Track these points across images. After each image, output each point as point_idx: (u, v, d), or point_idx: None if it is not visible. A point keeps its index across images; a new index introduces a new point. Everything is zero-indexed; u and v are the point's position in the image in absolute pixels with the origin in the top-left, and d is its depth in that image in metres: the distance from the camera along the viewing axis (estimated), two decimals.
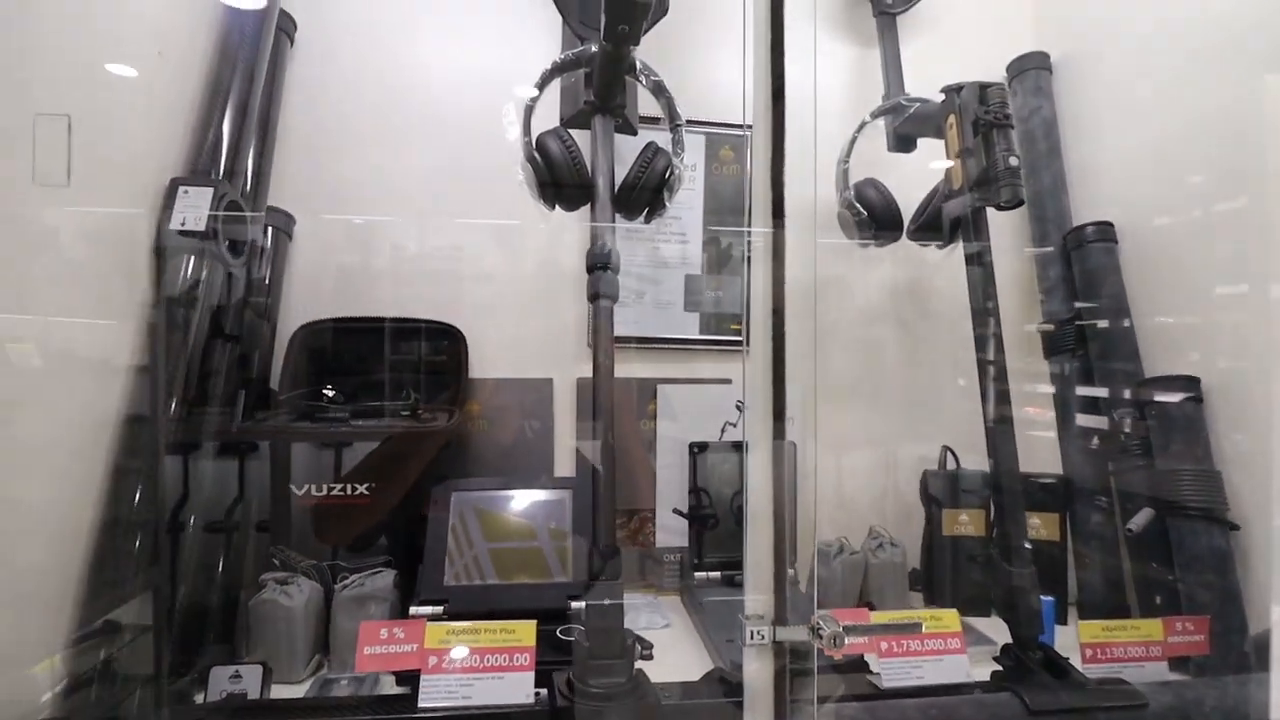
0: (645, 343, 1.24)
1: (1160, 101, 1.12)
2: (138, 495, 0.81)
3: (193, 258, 0.89)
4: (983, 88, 0.89)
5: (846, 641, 0.64)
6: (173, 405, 0.84)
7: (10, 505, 0.64)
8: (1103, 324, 1.10)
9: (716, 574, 1.13)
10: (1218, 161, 1.02)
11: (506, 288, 1.21)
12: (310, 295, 1.14)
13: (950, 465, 1.19)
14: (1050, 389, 1.19)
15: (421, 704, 0.68)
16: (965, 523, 1.14)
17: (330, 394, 1.06)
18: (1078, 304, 1.16)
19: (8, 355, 0.67)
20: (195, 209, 0.86)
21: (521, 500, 1.01)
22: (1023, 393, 1.20)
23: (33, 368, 0.69)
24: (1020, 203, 0.87)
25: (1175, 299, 1.07)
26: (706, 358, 1.26)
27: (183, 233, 0.87)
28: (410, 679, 0.76)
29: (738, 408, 1.23)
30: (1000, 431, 0.89)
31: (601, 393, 0.85)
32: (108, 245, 0.83)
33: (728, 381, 1.25)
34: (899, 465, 1.25)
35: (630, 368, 1.23)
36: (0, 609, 0.66)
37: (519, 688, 0.70)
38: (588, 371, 1.22)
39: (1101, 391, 1.10)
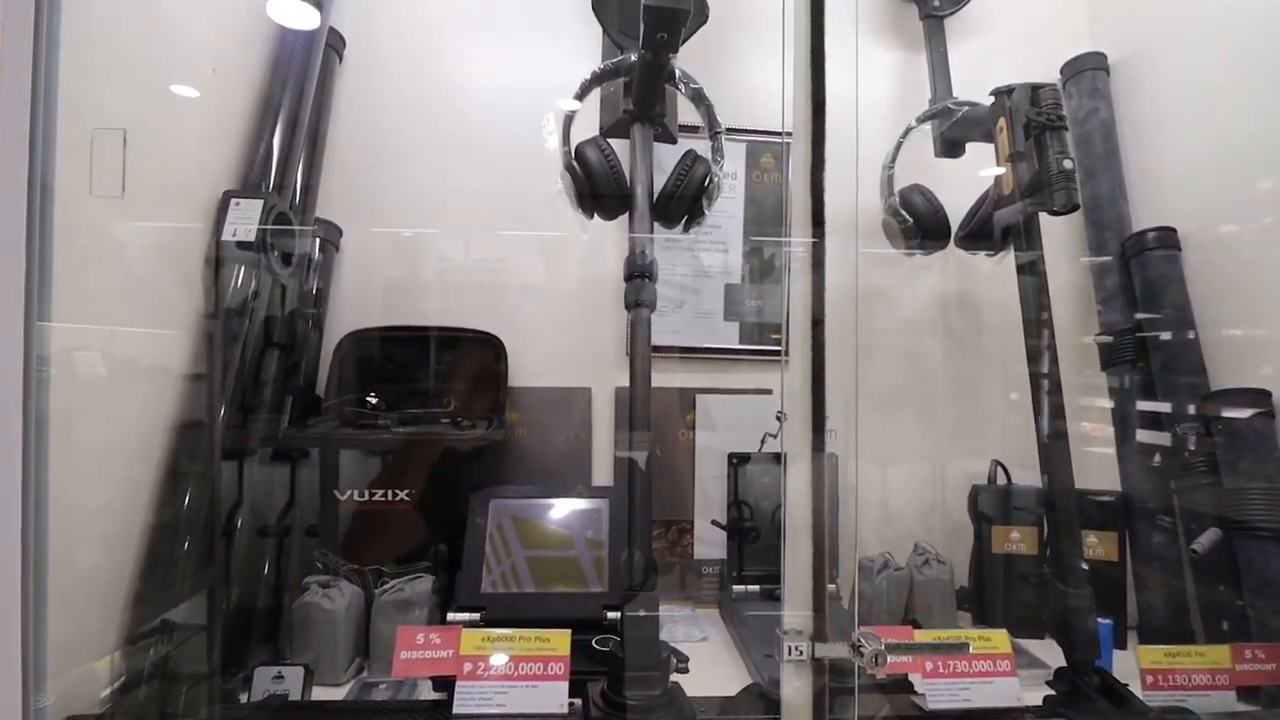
0: (685, 352, 1.23)
1: (1226, 102, 1.06)
2: (188, 498, 0.83)
3: (244, 268, 0.91)
4: (1035, 89, 0.87)
5: (889, 660, 0.62)
6: (225, 412, 0.87)
7: (73, 508, 0.66)
8: (1165, 335, 1.05)
9: (756, 587, 1.11)
10: None
11: (546, 298, 1.22)
12: (355, 305, 1.16)
13: (1000, 480, 1.14)
14: (1107, 403, 1.14)
15: (456, 710, 0.68)
16: (1017, 540, 1.10)
17: (374, 401, 1.08)
18: (1138, 314, 1.11)
19: (71, 363, 0.70)
20: (246, 221, 0.89)
21: (559, 509, 1.01)
22: (1078, 406, 1.16)
23: (94, 375, 0.72)
24: (1075, 207, 0.84)
25: (1244, 309, 1.02)
26: (747, 368, 1.25)
27: (234, 244, 0.90)
28: (446, 685, 0.76)
29: (778, 418, 1.20)
30: (1055, 446, 0.85)
31: (639, 401, 0.85)
32: (164, 257, 0.86)
33: (768, 392, 1.23)
34: (945, 480, 1.21)
35: (669, 377, 1.22)
36: (63, 608, 0.69)
37: (553, 697, 0.69)
38: (626, 380, 1.23)
39: (1164, 406, 1.05)
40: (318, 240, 1.11)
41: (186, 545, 0.83)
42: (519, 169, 1.20)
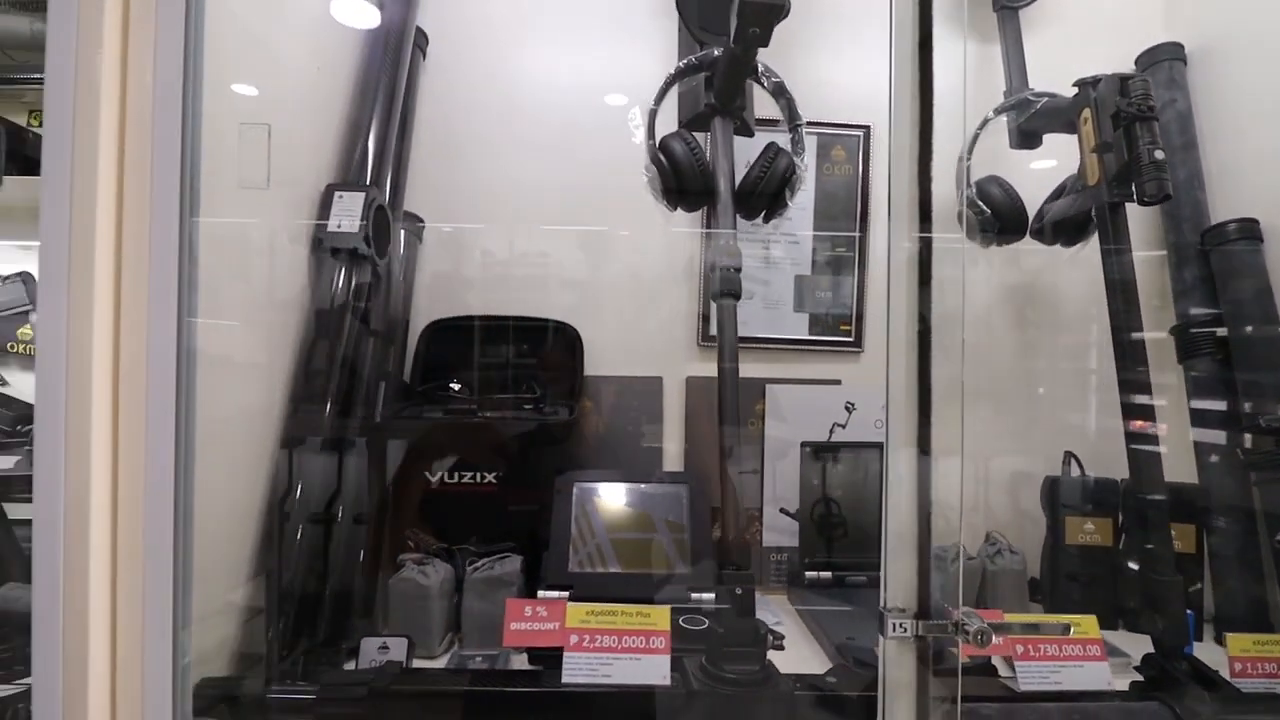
0: (755, 342, 1.25)
1: None
2: (291, 482, 0.88)
3: (345, 258, 0.96)
4: (1123, 79, 0.87)
5: (994, 640, 0.64)
6: (330, 398, 0.91)
7: (205, 489, 0.71)
8: (1247, 327, 1.05)
9: (828, 574, 1.13)
10: None
11: (618, 289, 1.25)
12: (436, 295, 1.21)
13: (1074, 472, 1.15)
14: (1184, 396, 1.13)
15: (565, 679, 0.72)
16: (1091, 531, 1.10)
17: (457, 388, 1.12)
18: (1217, 307, 1.10)
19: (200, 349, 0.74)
20: (349, 213, 0.93)
21: (640, 493, 1.04)
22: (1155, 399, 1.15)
23: (215, 358, 0.76)
24: (1168, 197, 0.84)
25: None
26: (815, 359, 1.27)
27: (338, 234, 0.94)
28: (543, 658, 0.80)
29: (847, 409, 1.23)
30: (1141, 436, 0.86)
31: (729, 388, 0.87)
32: (275, 247, 0.91)
33: (837, 382, 1.25)
34: (1017, 473, 1.22)
35: (740, 367, 1.24)
36: (198, 582, 0.74)
37: (656, 669, 0.72)
38: (696, 370, 1.26)
39: (1244, 399, 1.05)
40: (403, 232, 1.15)
41: (289, 527, 0.88)
42: (591, 164, 1.23)
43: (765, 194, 0.97)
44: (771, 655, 0.87)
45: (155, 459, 0.62)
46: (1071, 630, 0.74)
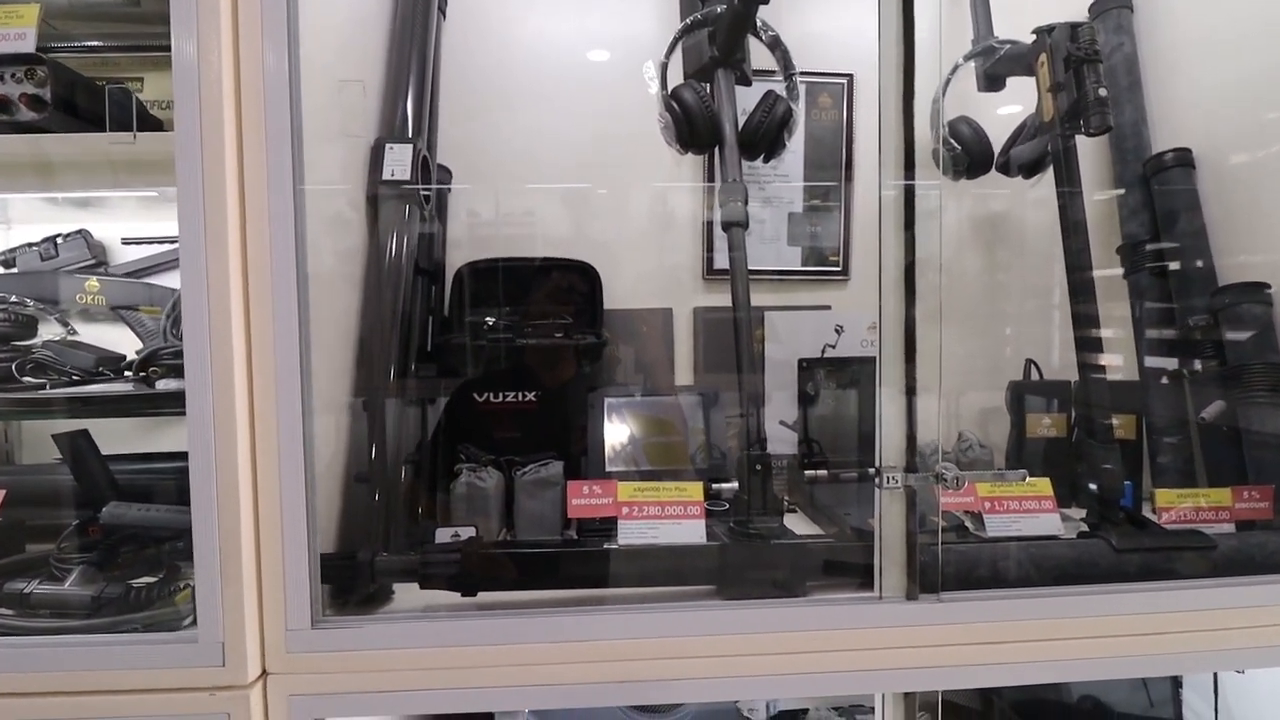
0: (753, 274, 1.38)
1: (1242, 38, 1.21)
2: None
3: (396, 204, 1.08)
4: (1073, 27, 1.01)
5: (965, 484, 0.80)
6: (393, 330, 1.04)
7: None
8: (1181, 241, 1.21)
9: (824, 472, 1.30)
10: None
11: (632, 231, 1.38)
12: (465, 240, 1.33)
13: (1034, 377, 1.32)
14: (1127, 305, 1.30)
15: (620, 541, 0.87)
16: (1048, 426, 1.28)
17: (491, 322, 1.25)
18: (1155, 229, 1.26)
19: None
20: (400, 163, 1.05)
21: (662, 404, 1.20)
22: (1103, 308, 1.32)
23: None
24: (1109, 129, 0.99)
25: (1248, 220, 1.18)
26: (807, 287, 1.42)
27: (390, 182, 1.06)
28: (591, 531, 0.96)
29: (836, 331, 1.38)
30: (1090, 338, 1.02)
31: (742, 306, 1.01)
32: (336, 197, 1.02)
33: (827, 308, 1.41)
34: (983, 381, 1.39)
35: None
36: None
37: (694, 531, 0.88)
38: (702, 301, 1.41)
39: (1177, 304, 1.22)
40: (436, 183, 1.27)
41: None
42: (599, 115, 1.35)
43: (766, 137, 1.10)
44: None
45: (284, 380, 0.75)
46: (1021, 490, 0.92)
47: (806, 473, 1.30)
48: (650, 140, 1.15)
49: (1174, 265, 1.23)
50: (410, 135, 1.12)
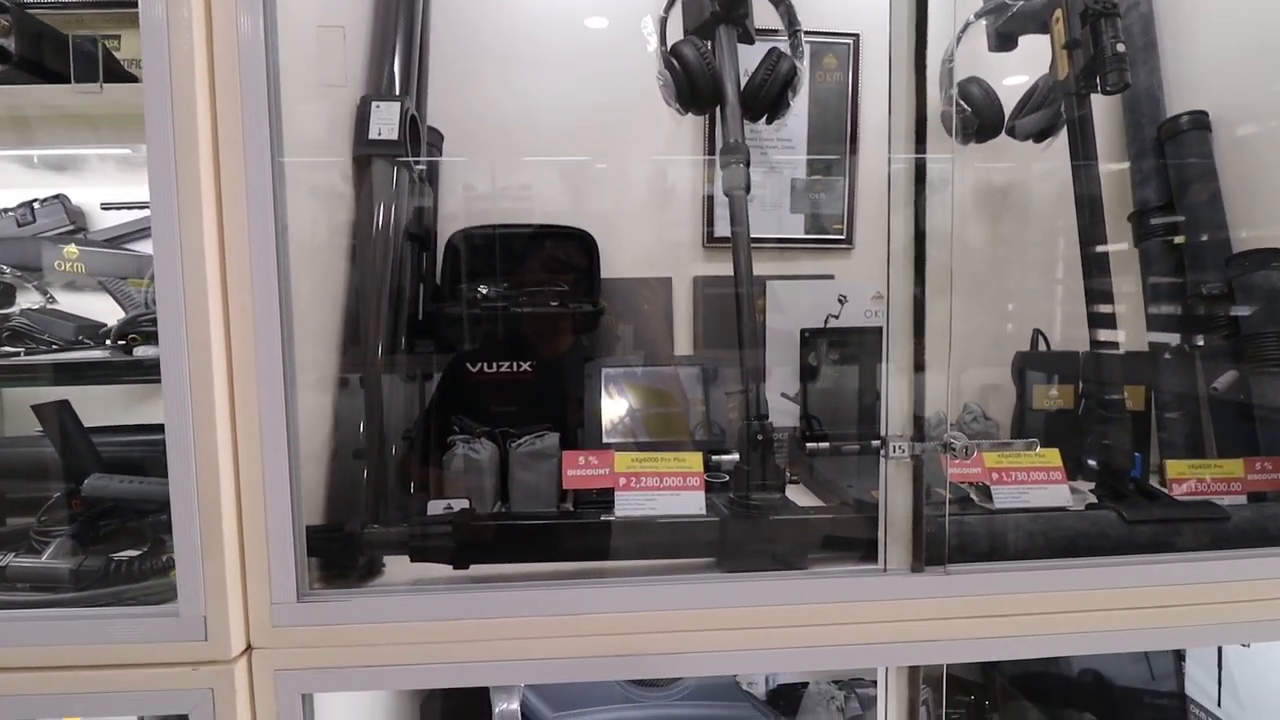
0: (755, 242, 1.35)
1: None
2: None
3: (384, 166, 1.03)
4: None
5: (974, 453, 0.78)
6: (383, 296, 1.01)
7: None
8: (1195, 207, 1.17)
9: (825, 444, 1.27)
10: None
11: (631, 199, 1.34)
12: (458, 207, 1.29)
13: (1041, 347, 1.29)
14: (1138, 274, 1.27)
15: (618, 513, 0.84)
16: (1055, 397, 1.25)
17: (484, 291, 1.22)
18: (1169, 197, 1.22)
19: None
20: (387, 121, 1.01)
21: (661, 375, 1.16)
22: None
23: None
24: (1127, 86, 0.95)
25: (1269, 189, 1.14)
26: (810, 256, 1.38)
27: (376, 141, 1.02)
28: (587, 504, 0.93)
29: (840, 300, 1.35)
30: (1102, 309, 0.99)
31: (744, 270, 0.98)
32: (320, 157, 0.98)
33: (830, 277, 1.37)
34: (991, 351, 1.36)
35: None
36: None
37: (693, 503, 0.86)
38: (702, 270, 1.37)
39: (1190, 273, 1.18)
40: (426, 145, 1.22)
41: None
42: (595, 77, 1.30)
43: (769, 96, 1.06)
44: None
45: (264, 346, 0.71)
46: (1030, 461, 0.89)
47: (808, 445, 1.28)
48: (650, 103, 1.11)
49: (1187, 234, 1.20)
50: (398, 94, 1.07)
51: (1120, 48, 0.95)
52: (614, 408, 1.12)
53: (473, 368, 1.14)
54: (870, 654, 0.80)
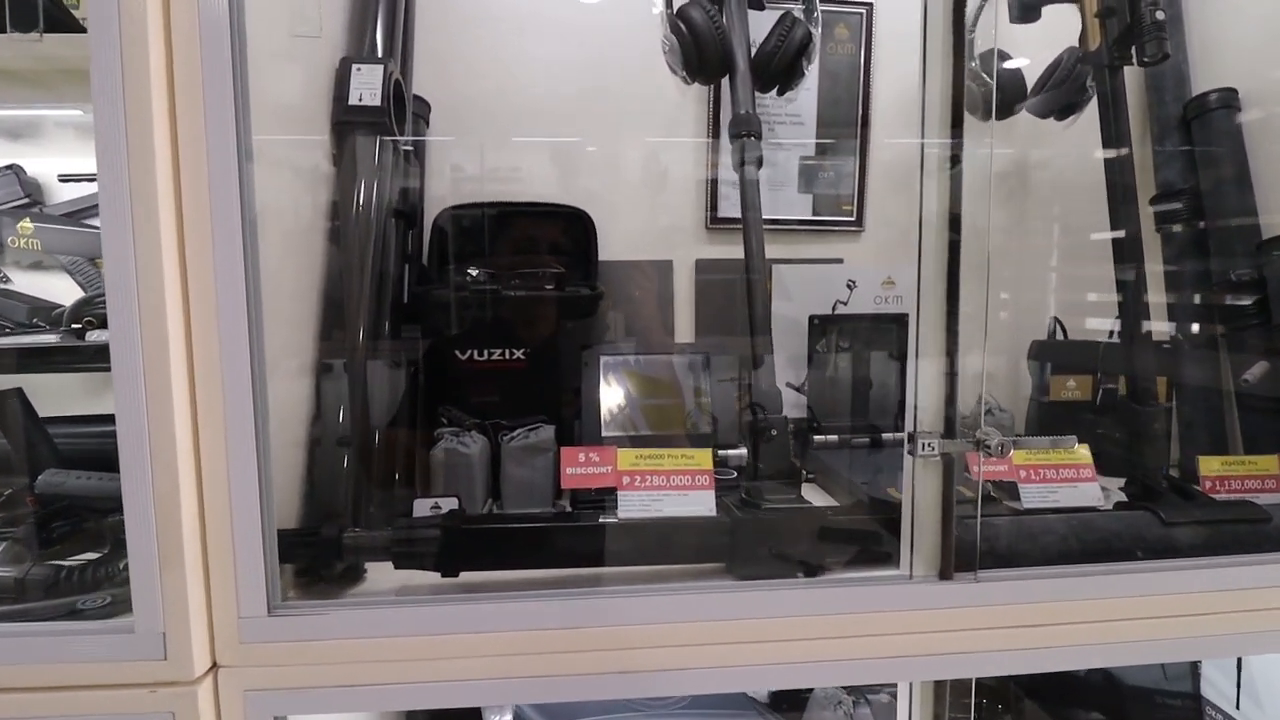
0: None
1: None
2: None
3: (366, 133, 0.95)
4: None
5: (1009, 451, 0.72)
6: (365, 277, 0.93)
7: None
8: (1222, 189, 1.12)
9: (834, 437, 1.21)
10: None
11: (630, 177, 1.26)
12: (446, 181, 1.21)
13: (1058, 336, 1.23)
14: (1160, 259, 1.21)
15: (621, 515, 0.78)
16: (1073, 388, 1.19)
17: (474, 273, 1.14)
18: (1194, 179, 1.16)
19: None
20: (369, 86, 0.92)
21: (662, 363, 1.09)
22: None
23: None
24: (1166, 56, 0.89)
25: None
26: (818, 238, 1.31)
27: (357, 108, 0.93)
28: (588, 503, 0.86)
29: (849, 286, 1.28)
30: (1133, 296, 0.93)
31: (755, 254, 0.91)
32: (292, 122, 0.90)
33: (839, 261, 1.30)
34: (1007, 339, 1.30)
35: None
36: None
37: (702, 503, 0.79)
38: (704, 253, 1.30)
39: (1217, 259, 1.13)
40: (412, 115, 1.14)
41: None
42: (595, 49, 1.22)
43: (782, 63, 0.99)
44: None
45: (228, 329, 0.63)
46: (1058, 459, 0.83)
47: (816, 438, 1.22)
48: (653, 70, 1.03)
49: (1212, 218, 1.14)
50: (380, 56, 0.99)
51: (1160, 15, 0.88)
52: (613, 398, 1.05)
53: (461, 355, 1.06)
54: (894, 668, 0.74)
